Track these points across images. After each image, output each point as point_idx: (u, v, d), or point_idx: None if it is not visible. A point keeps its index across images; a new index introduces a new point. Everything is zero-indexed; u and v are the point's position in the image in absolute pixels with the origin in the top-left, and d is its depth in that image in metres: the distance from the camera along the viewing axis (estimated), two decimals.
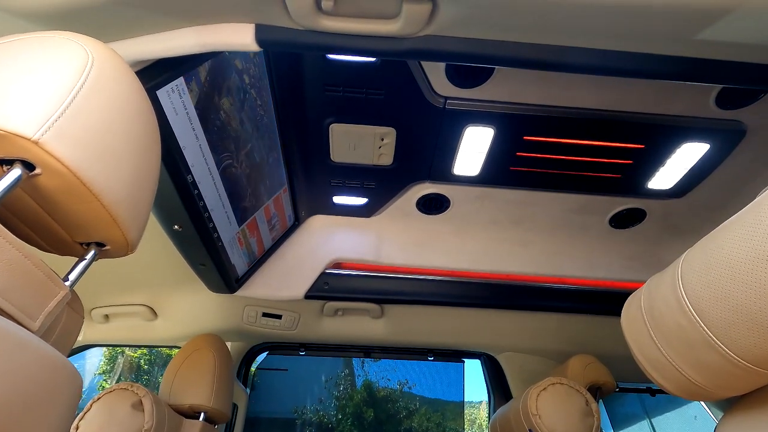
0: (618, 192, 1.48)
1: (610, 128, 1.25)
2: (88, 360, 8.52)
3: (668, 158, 1.34)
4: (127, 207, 0.52)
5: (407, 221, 1.65)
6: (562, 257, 1.68)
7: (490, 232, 1.67)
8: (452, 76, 1.12)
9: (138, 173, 0.54)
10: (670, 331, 0.62)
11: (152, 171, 0.58)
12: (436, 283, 1.63)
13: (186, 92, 0.87)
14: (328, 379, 10.80)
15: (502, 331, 1.76)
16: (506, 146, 1.32)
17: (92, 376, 11.60)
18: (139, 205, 0.55)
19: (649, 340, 0.67)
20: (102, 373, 11.61)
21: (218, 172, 1.07)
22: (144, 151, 0.55)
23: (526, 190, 1.49)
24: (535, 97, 1.18)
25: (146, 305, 1.59)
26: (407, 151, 1.35)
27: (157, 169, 0.61)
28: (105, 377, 11.53)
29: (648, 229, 1.63)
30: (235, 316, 1.62)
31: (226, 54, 0.95)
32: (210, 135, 1.00)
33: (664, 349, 0.63)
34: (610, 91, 1.16)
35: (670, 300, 0.62)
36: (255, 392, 3.87)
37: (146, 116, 0.57)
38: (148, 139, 0.57)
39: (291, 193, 1.49)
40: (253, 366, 1.98)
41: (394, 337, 1.76)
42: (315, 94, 1.19)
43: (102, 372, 11.59)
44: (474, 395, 6.38)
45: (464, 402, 5.15)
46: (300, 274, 1.56)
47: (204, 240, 1.15)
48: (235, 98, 1.04)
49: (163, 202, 1.00)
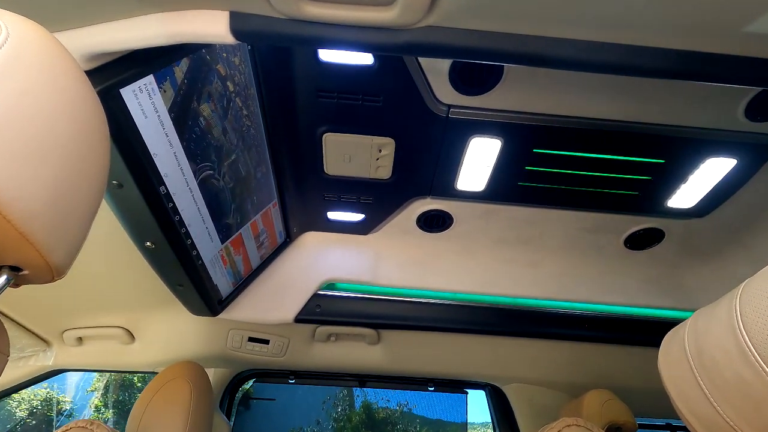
0: (635, 210, 1.37)
1: (629, 141, 1.15)
2: (79, 375, 8.27)
3: (690, 174, 1.23)
4: (47, 224, 0.41)
5: (407, 240, 1.54)
6: (573, 280, 1.56)
7: (496, 253, 1.55)
8: (456, 82, 1.03)
9: (66, 183, 0.43)
10: (727, 384, 0.50)
11: (91, 181, 0.48)
12: (437, 307, 1.50)
13: (157, 93, 0.78)
14: (326, 400, 10.52)
15: (509, 360, 1.62)
16: (514, 159, 1.22)
17: (84, 392, 11.33)
18: (68, 222, 0.45)
19: (698, 392, 0.54)
20: (94, 390, 11.33)
21: (196, 184, 0.97)
22: (78, 155, 0.45)
23: (535, 208, 1.38)
24: (546, 106, 1.09)
25: (123, 328, 1.47)
26: (407, 163, 1.25)
27: (101, 180, 0.50)
28: (97, 394, 11.25)
29: (666, 250, 1.51)
30: (218, 340, 1.50)
31: (206, 58, 0.86)
32: (187, 143, 0.90)
33: (721, 407, 0.51)
34: (629, 100, 1.06)
35: (727, 345, 0.50)
36: (249, 412, 3.68)
37: (88, 114, 0.47)
38: (88, 141, 0.46)
39: (282, 208, 1.38)
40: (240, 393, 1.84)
41: (392, 365, 1.63)
42: (307, 101, 1.09)
43: (94, 389, 11.31)
44: (477, 416, 6.13)
45: (467, 423, 4.94)
46: (290, 296, 1.44)
47: (181, 258, 1.04)
48: (218, 105, 0.94)
49: (133, 216, 0.89)
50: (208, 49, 0.86)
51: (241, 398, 1.92)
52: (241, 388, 1.81)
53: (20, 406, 10.42)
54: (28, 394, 10.58)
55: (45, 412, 10.88)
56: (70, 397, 11.47)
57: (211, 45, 0.85)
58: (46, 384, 11.67)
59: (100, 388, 11.59)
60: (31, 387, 1.51)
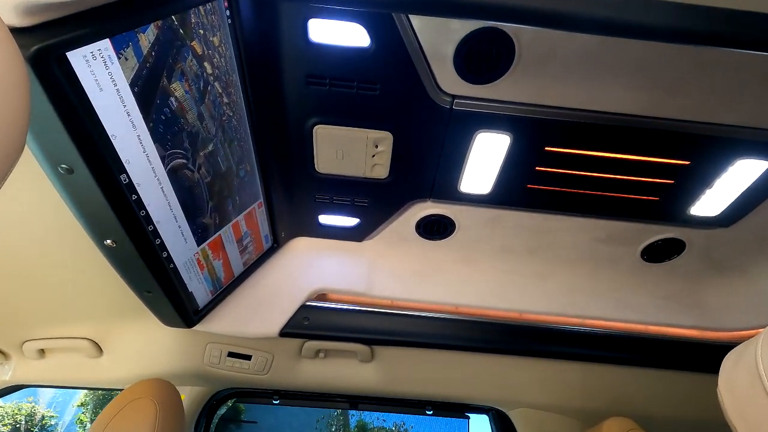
0: (653, 218, 1.25)
1: (651, 139, 1.04)
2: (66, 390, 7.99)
3: (717, 178, 1.12)
4: None
5: (405, 247, 1.41)
6: (585, 295, 1.43)
7: (501, 263, 1.43)
8: (462, 68, 0.92)
9: None
10: None
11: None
12: (437, 322, 1.37)
13: (116, 62, 0.66)
14: (319, 419, 10.21)
15: (515, 382, 1.48)
16: (524, 158, 1.11)
17: (71, 407, 10.99)
18: None
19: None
20: (81, 405, 10.99)
21: (166, 174, 0.85)
22: None
23: (545, 214, 1.27)
24: (560, 98, 0.98)
25: (90, 339, 1.33)
26: (406, 161, 1.14)
27: (8, 162, 0.38)
28: (84, 410, 10.91)
29: (687, 263, 1.39)
30: (194, 355, 1.36)
31: (179, 31, 0.75)
32: (154, 125, 0.78)
33: None
34: (652, 92, 0.96)
35: None
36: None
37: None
38: None
39: (268, 210, 1.26)
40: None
41: (386, 386, 1.48)
42: (295, 88, 0.99)
43: (81, 404, 10.98)
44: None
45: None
46: (275, 307, 1.31)
47: (147, 260, 0.91)
48: (192, 86, 0.83)
49: (87, 207, 0.77)
50: (181, 21, 0.75)
51: (219, 421, 1.77)
52: (220, 410, 1.65)
53: (3, 421, 10.08)
54: (12, 408, 10.26)
55: (29, 428, 10.52)
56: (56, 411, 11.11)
57: (184, 13, 0.75)
58: (31, 397, 11.30)
59: (88, 402, 11.24)
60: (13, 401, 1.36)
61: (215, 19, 0.83)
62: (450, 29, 0.87)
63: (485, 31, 0.86)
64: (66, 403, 10.83)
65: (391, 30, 0.87)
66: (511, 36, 0.86)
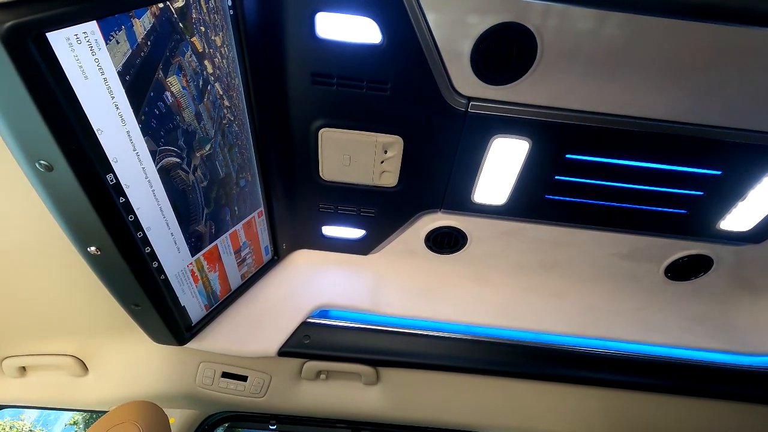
0: (679, 233, 1.17)
1: (680, 147, 0.97)
2: None
3: (750, 190, 1.05)
4: None
5: (413, 261, 1.33)
6: (605, 315, 1.34)
7: (516, 280, 1.34)
8: (479, 67, 0.86)
9: None
10: None
11: None
12: (446, 342, 1.28)
13: (103, 47, 0.60)
14: None
15: (531, 408, 1.37)
16: (543, 167, 1.04)
17: (62, 426, 10.69)
18: None
19: None
20: (74, 423, 10.69)
21: (157, 174, 0.78)
22: None
23: (563, 227, 1.19)
24: (584, 101, 0.91)
25: (74, 356, 1.24)
26: (417, 168, 1.07)
27: None
28: (77, 428, 10.61)
29: (715, 282, 1.30)
30: (186, 375, 1.26)
31: (178, 24, 0.70)
32: (147, 119, 0.72)
33: None
34: (682, 96, 0.89)
35: None
36: None
37: None
38: None
39: (269, 220, 1.19)
40: None
41: (392, 411, 1.38)
42: (300, 87, 0.93)
43: (74, 423, 10.68)
44: None
45: None
46: (274, 323, 1.22)
47: (136, 270, 0.84)
48: (191, 84, 0.77)
49: (68, 209, 0.70)
50: (180, 14, 0.70)
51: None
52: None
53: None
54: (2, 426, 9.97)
55: None
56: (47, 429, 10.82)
57: (183, 4, 0.69)
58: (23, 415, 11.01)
59: (80, 421, 10.95)
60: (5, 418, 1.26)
61: (218, 18, 0.78)
62: (468, 24, 0.81)
63: (506, 27, 0.80)
64: (54, 422, 10.54)
65: (405, 24, 0.81)
66: (534, 32, 0.80)
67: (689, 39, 0.80)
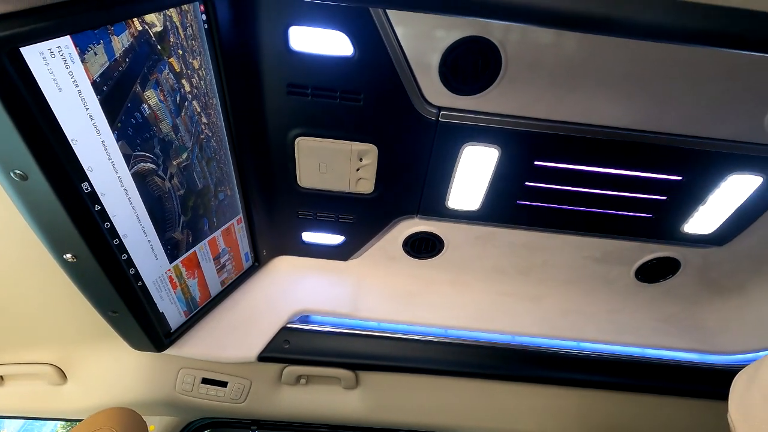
0: (647, 236, 1.22)
1: (642, 154, 1.02)
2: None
3: (710, 194, 1.10)
4: None
5: (392, 267, 1.36)
6: (580, 317, 1.38)
7: (492, 284, 1.38)
8: (447, 78, 0.90)
9: None
10: None
11: None
12: (425, 346, 1.30)
13: (77, 61, 0.62)
14: None
15: (509, 410, 1.40)
16: (513, 173, 1.07)
17: None
18: None
19: None
20: None
21: (132, 181, 0.80)
22: None
23: (536, 231, 1.23)
24: (549, 111, 0.96)
25: (53, 365, 1.24)
26: (392, 175, 1.10)
27: None
28: None
29: (683, 283, 1.35)
30: (165, 381, 1.26)
31: (156, 46, 0.72)
32: (123, 128, 0.74)
33: None
34: (642, 105, 0.94)
35: None
36: None
37: None
38: None
39: (249, 226, 1.21)
40: None
41: (372, 414, 1.40)
42: (276, 98, 0.95)
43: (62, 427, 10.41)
44: None
45: None
46: (253, 329, 1.24)
47: (112, 277, 0.85)
48: (168, 98, 0.80)
49: (44, 218, 0.71)
50: (158, 37, 0.72)
51: None
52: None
53: None
54: None
55: None
56: None
57: (161, 29, 0.71)
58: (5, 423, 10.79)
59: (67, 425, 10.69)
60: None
61: (195, 44, 0.80)
62: (435, 38, 0.84)
63: (472, 40, 0.84)
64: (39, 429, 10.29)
65: (375, 38, 0.84)
66: (497, 45, 0.84)
67: (644, 53, 0.84)
